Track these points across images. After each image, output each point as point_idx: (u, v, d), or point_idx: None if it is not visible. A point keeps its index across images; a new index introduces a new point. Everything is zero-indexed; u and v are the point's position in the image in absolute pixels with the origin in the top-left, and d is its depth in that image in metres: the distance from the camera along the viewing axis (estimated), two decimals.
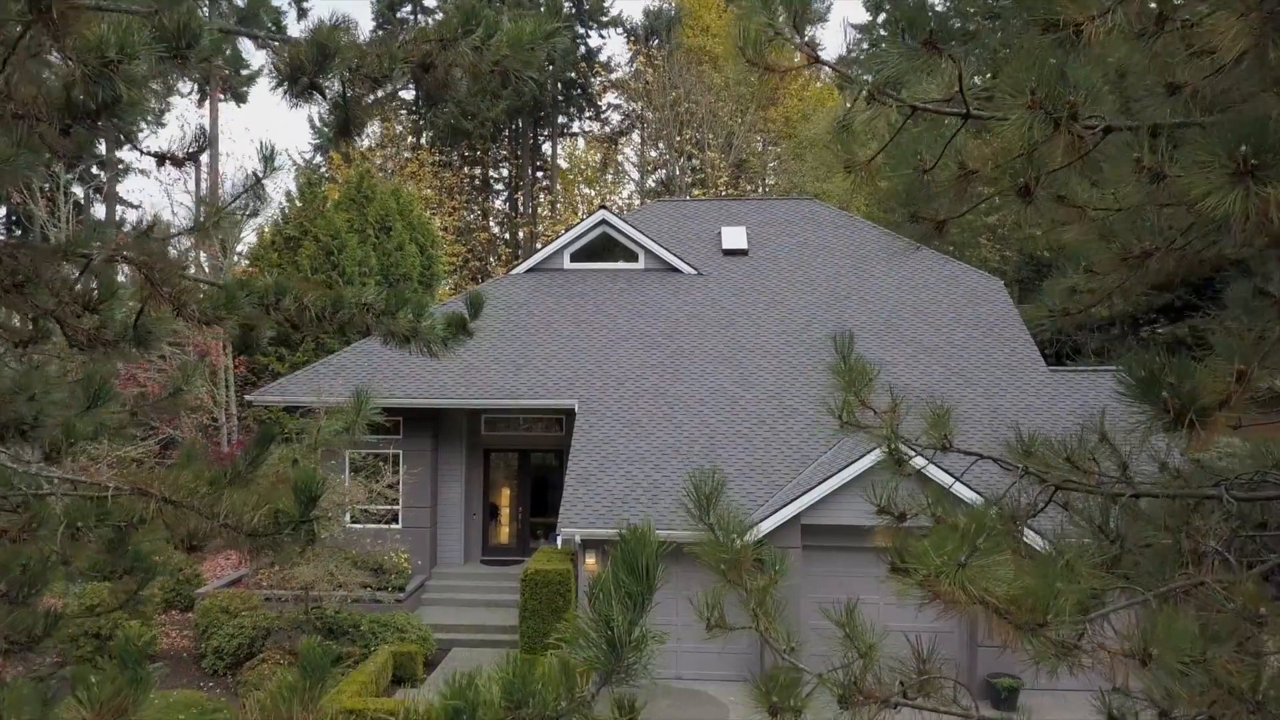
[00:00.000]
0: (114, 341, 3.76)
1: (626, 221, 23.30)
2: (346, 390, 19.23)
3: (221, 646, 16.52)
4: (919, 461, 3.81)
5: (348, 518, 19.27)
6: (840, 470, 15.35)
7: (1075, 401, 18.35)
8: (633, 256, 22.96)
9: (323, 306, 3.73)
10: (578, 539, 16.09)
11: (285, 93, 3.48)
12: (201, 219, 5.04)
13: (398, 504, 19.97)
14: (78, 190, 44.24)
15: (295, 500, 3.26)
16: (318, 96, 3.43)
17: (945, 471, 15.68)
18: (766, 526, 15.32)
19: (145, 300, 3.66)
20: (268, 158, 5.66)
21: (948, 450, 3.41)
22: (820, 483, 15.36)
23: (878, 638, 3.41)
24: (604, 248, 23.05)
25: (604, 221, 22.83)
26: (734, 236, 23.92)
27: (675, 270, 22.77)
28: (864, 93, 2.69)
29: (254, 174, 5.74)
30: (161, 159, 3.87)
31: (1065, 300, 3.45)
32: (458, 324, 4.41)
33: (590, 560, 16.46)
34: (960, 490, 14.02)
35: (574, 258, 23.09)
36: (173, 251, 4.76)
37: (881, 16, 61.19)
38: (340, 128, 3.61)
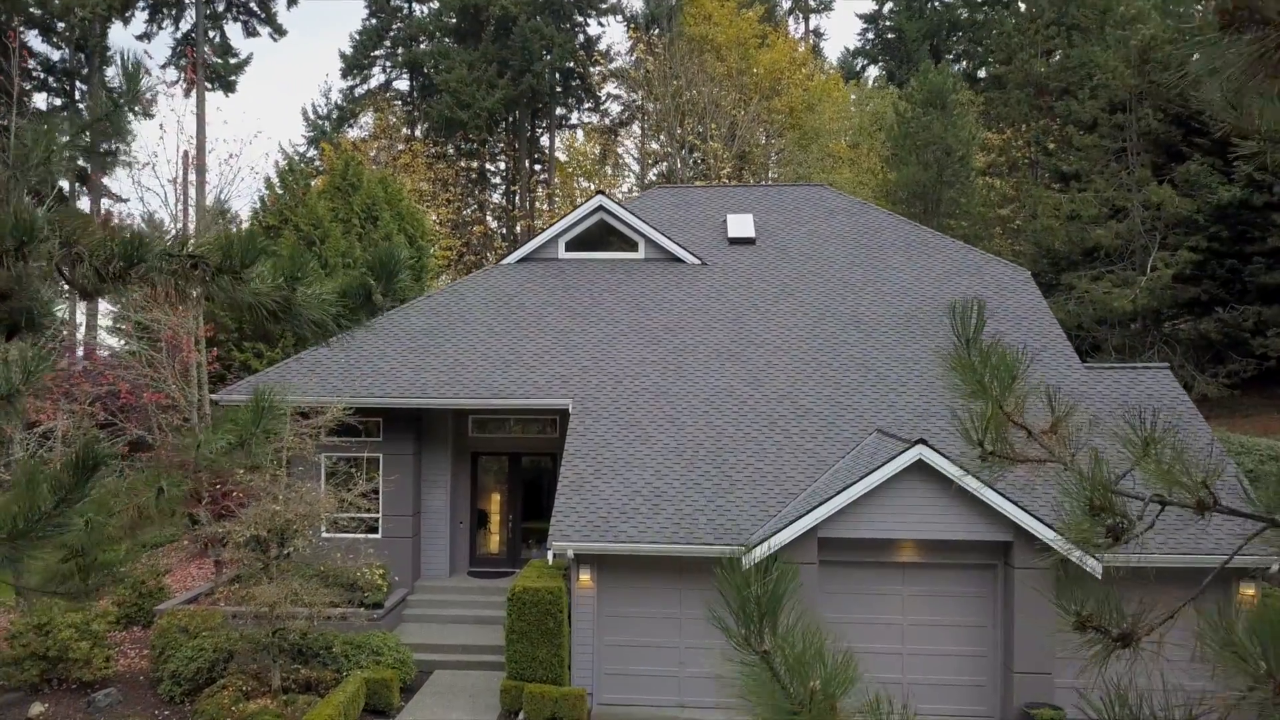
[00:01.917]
0: None
1: (626, 208, 21.76)
2: (321, 389, 17.62)
3: (179, 671, 14.99)
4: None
5: (322, 529, 17.75)
6: (862, 478, 13.83)
7: (1115, 401, 16.83)
8: (632, 245, 21.42)
9: (108, 257, 2.26)
10: (570, 553, 14.58)
11: None
12: (24, 156, 3.53)
13: (371, 513, 18.42)
14: (63, 182, 42.72)
15: None
16: None
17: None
18: (780, 540, 13.81)
19: None
20: (131, 76, 4.16)
21: (1209, 509, 1.89)
22: (839, 492, 13.83)
23: None
24: (601, 236, 21.51)
25: (601, 208, 21.27)
26: (740, 224, 22.39)
27: (678, 260, 21.23)
28: None
29: (111, 98, 4.26)
30: None
31: None
32: (358, 295, 2.91)
33: (584, 577, 14.95)
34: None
35: (569, 246, 21.55)
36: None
37: (887, 6, 59.57)
38: None
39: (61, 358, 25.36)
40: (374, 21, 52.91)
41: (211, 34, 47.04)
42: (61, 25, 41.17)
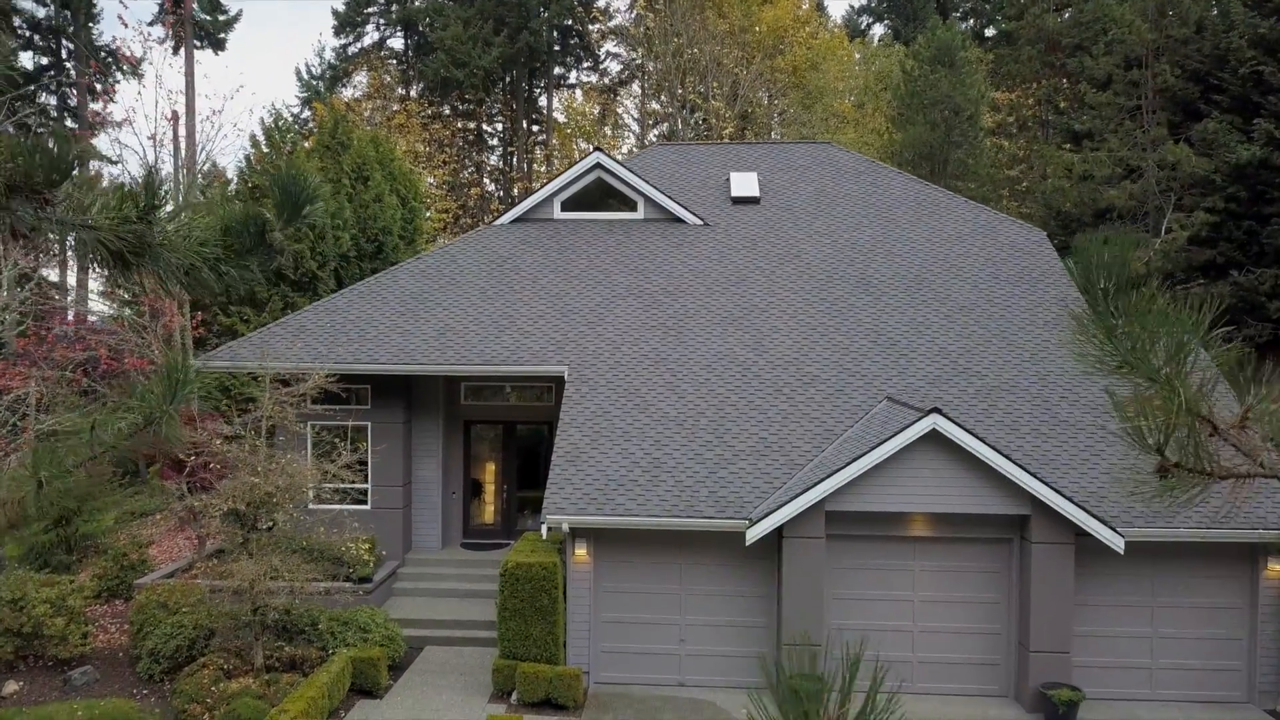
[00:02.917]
0: None
1: (625, 166, 20.83)
2: (305, 354, 16.79)
3: (158, 649, 14.37)
4: None
5: (311, 497, 17.06)
6: (872, 449, 13.11)
7: None
8: (631, 205, 20.55)
9: None
10: (565, 527, 13.89)
11: None
12: None
13: (360, 484, 17.72)
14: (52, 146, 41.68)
15: None
16: None
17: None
18: (785, 514, 13.13)
19: None
20: None
21: None
22: (848, 464, 13.12)
23: None
24: (599, 195, 20.62)
25: (599, 165, 20.36)
26: (744, 183, 21.49)
27: (679, 220, 20.37)
28: None
29: None
30: None
31: None
32: (248, 233, 2.15)
33: (580, 551, 14.29)
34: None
35: (565, 206, 20.68)
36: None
37: None
38: None
39: (52, 325, 24.60)
40: None
41: None
42: None
